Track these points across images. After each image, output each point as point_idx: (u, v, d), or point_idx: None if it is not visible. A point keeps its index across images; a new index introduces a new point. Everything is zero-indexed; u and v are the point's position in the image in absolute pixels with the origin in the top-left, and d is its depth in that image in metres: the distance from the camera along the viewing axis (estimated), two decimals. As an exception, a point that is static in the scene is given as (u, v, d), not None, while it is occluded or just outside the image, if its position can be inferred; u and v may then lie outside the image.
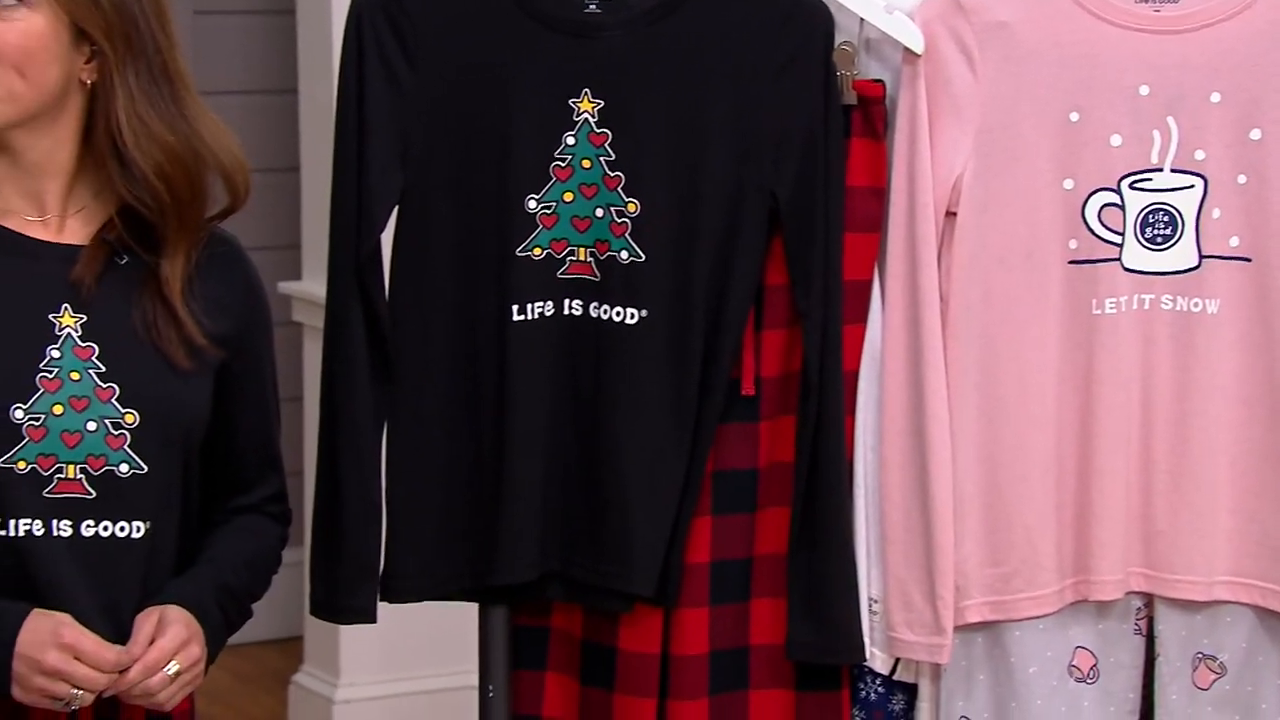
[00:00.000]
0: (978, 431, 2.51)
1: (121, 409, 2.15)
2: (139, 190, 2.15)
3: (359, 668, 4.65)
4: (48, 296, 2.15)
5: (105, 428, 2.14)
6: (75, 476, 2.13)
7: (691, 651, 2.51)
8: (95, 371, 2.15)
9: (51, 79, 2.13)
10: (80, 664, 2.08)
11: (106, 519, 2.14)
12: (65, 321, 2.15)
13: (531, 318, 2.47)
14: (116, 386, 2.15)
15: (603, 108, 2.45)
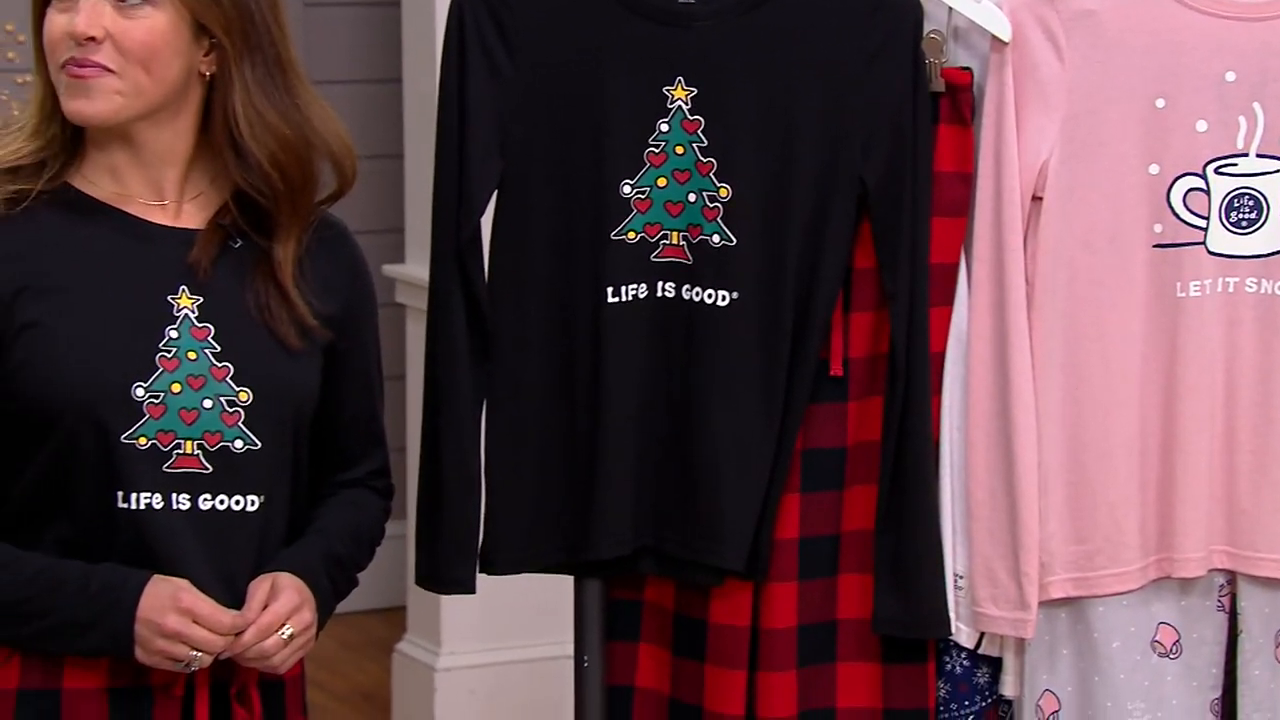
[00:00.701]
0: (1062, 411, 2.49)
1: (236, 387, 2.15)
2: (253, 178, 2.15)
3: (460, 637, 4.67)
4: (166, 279, 2.16)
5: (221, 405, 2.14)
6: (193, 452, 2.13)
7: (780, 625, 2.49)
8: (211, 351, 2.15)
9: (174, 74, 2.13)
10: (198, 627, 2.09)
11: (223, 493, 2.15)
12: (183, 303, 2.15)
13: (626, 300, 2.46)
14: (231, 365, 2.15)
15: (695, 95, 2.44)
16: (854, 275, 2.49)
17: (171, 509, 2.12)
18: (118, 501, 2.11)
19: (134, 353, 2.12)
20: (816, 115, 2.45)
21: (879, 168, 2.45)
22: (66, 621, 2.09)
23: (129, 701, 2.13)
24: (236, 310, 2.17)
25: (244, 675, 2.17)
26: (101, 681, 2.12)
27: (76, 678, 2.12)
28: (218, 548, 2.15)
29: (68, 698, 2.12)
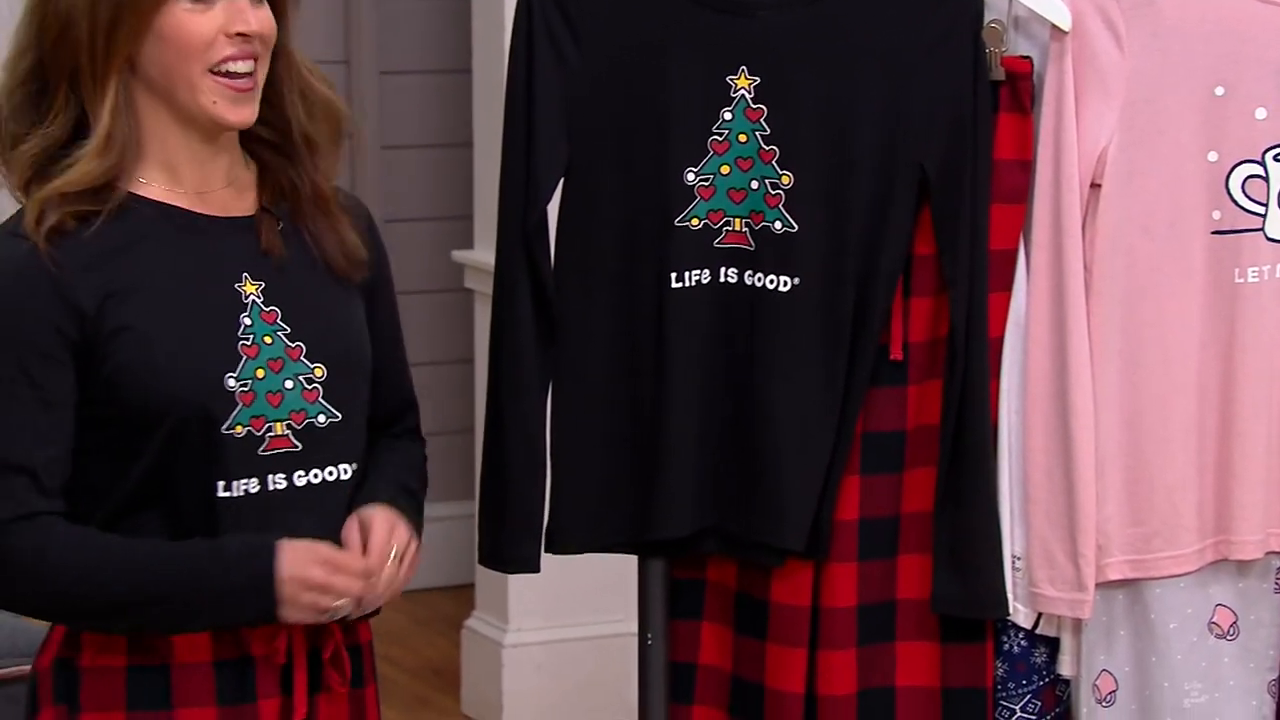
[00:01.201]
0: (1120, 395, 2.46)
1: (310, 364, 2.15)
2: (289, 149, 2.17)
3: (526, 614, 4.67)
4: (229, 268, 2.15)
5: (300, 384, 2.14)
6: (283, 433, 2.14)
7: (840, 604, 2.48)
8: (283, 333, 2.15)
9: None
10: (340, 575, 2.11)
11: (315, 467, 2.15)
12: (249, 290, 2.15)
13: (689, 285, 2.45)
14: (303, 344, 2.15)
15: (759, 84, 2.43)
16: (914, 261, 2.47)
17: (268, 490, 2.13)
18: (218, 491, 2.11)
19: (220, 345, 2.12)
20: (877, 104, 2.43)
21: (939, 156, 2.43)
22: (212, 599, 2.09)
23: (234, 672, 2.13)
24: (299, 289, 2.17)
25: (335, 640, 2.18)
26: (207, 655, 2.13)
27: (184, 652, 2.12)
28: (316, 520, 2.15)
29: (177, 672, 2.12)
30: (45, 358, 2.06)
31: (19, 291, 2.06)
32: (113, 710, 2.11)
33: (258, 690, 2.14)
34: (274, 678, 2.15)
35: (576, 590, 4.59)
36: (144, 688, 2.11)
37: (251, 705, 2.14)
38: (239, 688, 2.13)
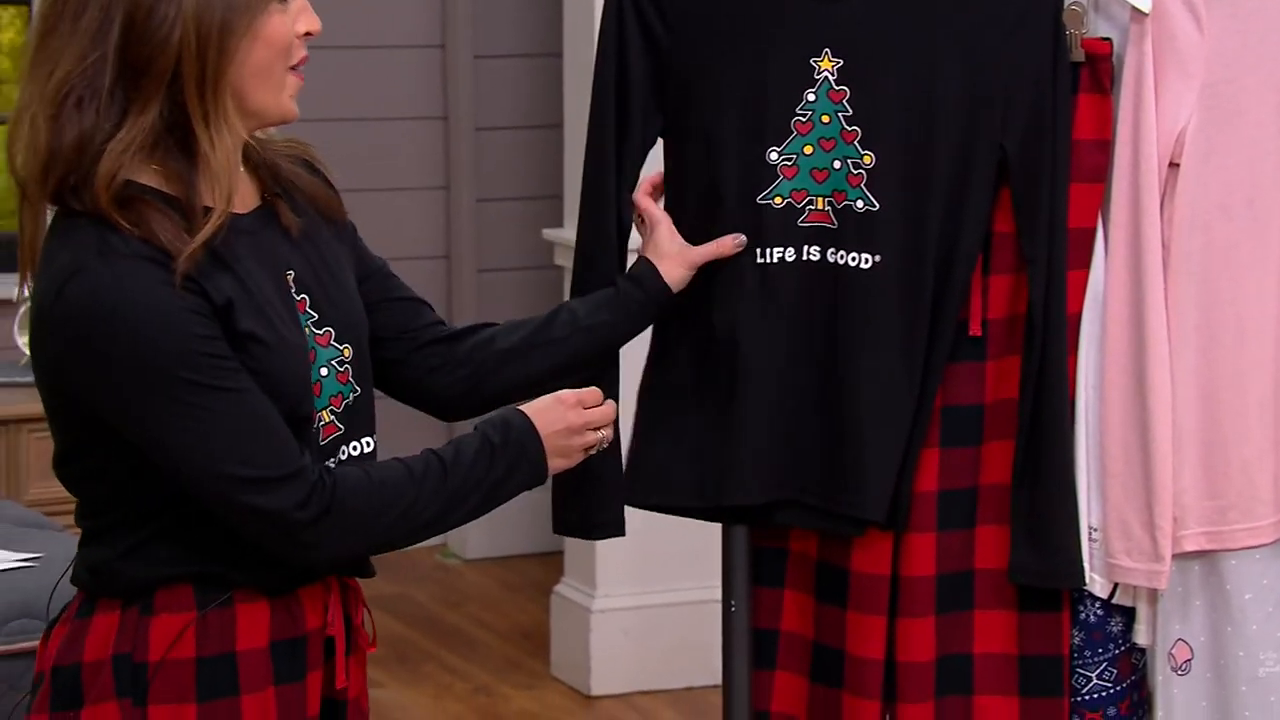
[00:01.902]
0: (1197, 371, 2.43)
1: (339, 346, 2.15)
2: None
3: (614, 581, 4.68)
4: (272, 262, 2.11)
5: (334, 368, 2.14)
6: (330, 419, 2.14)
7: (919, 573, 2.46)
8: (312, 321, 2.13)
9: None
10: (593, 409, 2.25)
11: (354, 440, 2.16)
12: (289, 281, 2.13)
13: (773, 262, 2.44)
14: (331, 329, 2.14)
15: (842, 66, 2.41)
16: (993, 239, 2.45)
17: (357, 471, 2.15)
18: None
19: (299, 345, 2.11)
20: (958, 85, 2.41)
21: (1018, 136, 2.41)
22: (493, 487, 2.16)
23: (288, 650, 2.13)
24: (316, 271, 2.16)
25: (363, 605, 2.22)
26: (265, 639, 2.12)
27: (245, 639, 2.11)
28: None
29: (241, 659, 2.11)
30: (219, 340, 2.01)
31: (173, 311, 1.98)
32: (184, 702, 2.08)
33: (307, 664, 2.15)
34: (319, 650, 2.15)
35: (662, 558, 4.60)
36: (212, 678, 2.09)
37: (302, 682, 2.14)
38: (292, 665, 2.13)
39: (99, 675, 2.08)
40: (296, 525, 2.03)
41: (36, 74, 2.01)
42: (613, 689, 4.66)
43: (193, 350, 1.98)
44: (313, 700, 2.15)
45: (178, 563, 2.08)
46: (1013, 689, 2.48)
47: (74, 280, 1.98)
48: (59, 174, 2.00)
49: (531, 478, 2.19)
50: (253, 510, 2.02)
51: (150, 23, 1.99)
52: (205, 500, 2.04)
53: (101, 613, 2.09)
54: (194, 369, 1.98)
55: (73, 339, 1.99)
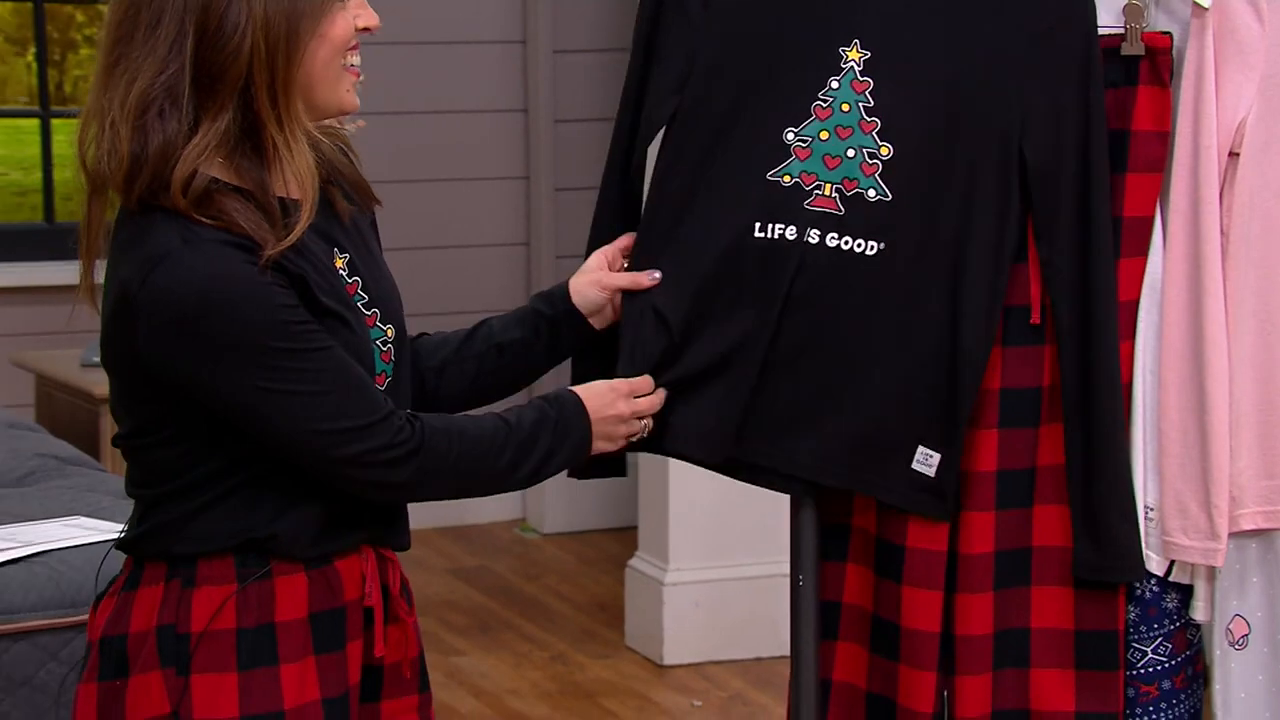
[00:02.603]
0: (1254, 355, 2.40)
1: (384, 328, 2.15)
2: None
3: (686, 555, 4.68)
4: (324, 245, 2.11)
5: (378, 348, 2.15)
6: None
7: (978, 550, 2.43)
8: (362, 302, 2.14)
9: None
10: (641, 399, 2.31)
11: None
12: (338, 264, 2.12)
13: (772, 237, 2.40)
14: (378, 310, 2.14)
15: (869, 58, 2.38)
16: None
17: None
18: None
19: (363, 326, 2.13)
20: (980, 88, 2.37)
21: (1040, 142, 2.37)
22: (543, 458, 2.19)
23: (327, 621, 2.13)
24: (364, 256, 2.16)
25: (399, 573, 2.20)
26: (304, 610, 2.12)
27: (285, 610, 2.11)
28: None
29: (280, 630, 2.11)
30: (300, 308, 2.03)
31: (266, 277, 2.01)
32: (225, 671, 2.08)
33: (347, 634, 2.14)
34: (359, 619, 2.15)
35: (732, 534, 4.59)
36: (253, 648, 2.09)
37: (342, 651, 2.14)
38: (331, 635, 2.13)
39: (144, 646, 2.09)
40: (390, 465, 2.06)
41: (114, 81, 2.02)
42: (684, 659, 4.66)
43: (280, 320, 2.01)
44: (353, 669, 2.15)
45: (220, 535, 2.08)
46: (1069, 662, 2.45)
47: (161, 266, 1.99)
48: (145, 180, 2.01)
49: (574, 456, 2.23)
50: (349, 459, 2.04)
51: (222, 32, 2.00)
52: (302, 459, 2.06)
53: (146, 585, 2.10)
54: (283, 337, 2.01)
55: (164, 323, 2.00)
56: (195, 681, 2.07)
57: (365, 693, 2.18)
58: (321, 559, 2.12)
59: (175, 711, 2.07)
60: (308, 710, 2.10)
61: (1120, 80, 2.41)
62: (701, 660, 4.65)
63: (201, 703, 2.07)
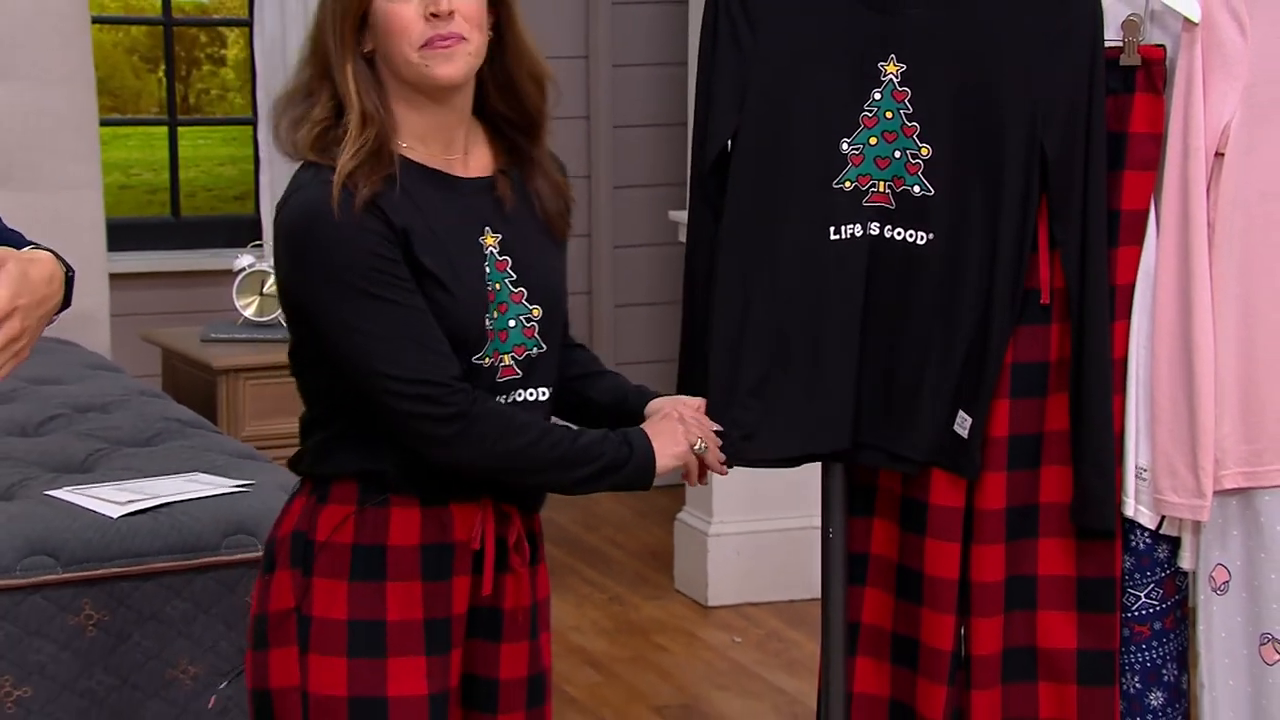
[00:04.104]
0: (1237, 334, 2.37)
1: (530, 306, 2.13)
2: (515, 103, 2.14)
3: (728, 509, 4.66)
4: (475, 222, 2.12)
5: (521, 323, 2.13)
6: (509, 363, 2.12)
7: (991, 506, 2.41)
8: (510, 280, 2.12)
9: (487, 33, 2.11)
10: (699, 424, 2.24)
11: (531, 388, 2.14)
12: (488, 242, 2.12)
13: (845, 237, 2.39)
14: (525, 289, 2.13)
15: (905, 71, 2.36)
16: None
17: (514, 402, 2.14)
18: None
19: (475, 291, 2.10)
20: (1006, 90, 2.34)
21: (1056, 134, 2.34)
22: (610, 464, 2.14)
23: (436, 554, 2.13)
24: (523, 240, 2.14)
25: (518, 529, 2.17)
26: (417, 539, 2.12)
27: (398, 536, 2.12)
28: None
29: (391, 552, 2.12)
30: (394, 261, 2.04)
31: (356, 230, 2.03)
32: (338, 578, 2.11)
33: (454, 569, 2.13)
34: (468, 560, 2.14)
35: (769, 490, 4.57)
36: (365, 563, 2.11)
37: (448, 582, 2.13)
38: (438, 566, 2.13)
39: (284, 548, 2.14)
40: (436, 422, 2.04)
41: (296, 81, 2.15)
42: (726, 600, 4.64)
43: (368, 265, 2.02)
44: (458, 601, 2.14)
45: (348, 461, 2.11)
46: (1071, 605, 2.43)
47: (293, 197, 2.07)
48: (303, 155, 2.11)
49: (639, 478, 2.17)
50: (399, 408, 2.04)
51: (314, 31, 2.12)
52: (369, 399, 2.06)
53: (298, 497, 2.17)
54: (367, 280, 2.02)
55: (285, 247, 2.08)
56: (316, 583, 2.11)
57: (488, 632, 2.17)
58: (437, 500, 2.12)
59: (298, 606, 2.11)
60: (409, 626, 2.11)
61: (1119, 88, 2.38)
62: (741, 602, 4.64)
63: (318, 602, 2.11)
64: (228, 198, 8.92)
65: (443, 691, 2.13)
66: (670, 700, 4.07)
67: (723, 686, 4.16)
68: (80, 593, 2.82)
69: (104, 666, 2.82)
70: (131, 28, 6.67)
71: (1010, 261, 2.36)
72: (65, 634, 2.80)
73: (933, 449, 2.39)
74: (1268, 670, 2.41)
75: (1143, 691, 2.45)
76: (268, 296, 4.58)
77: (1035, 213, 2.37)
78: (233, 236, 5.21)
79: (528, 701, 2.21)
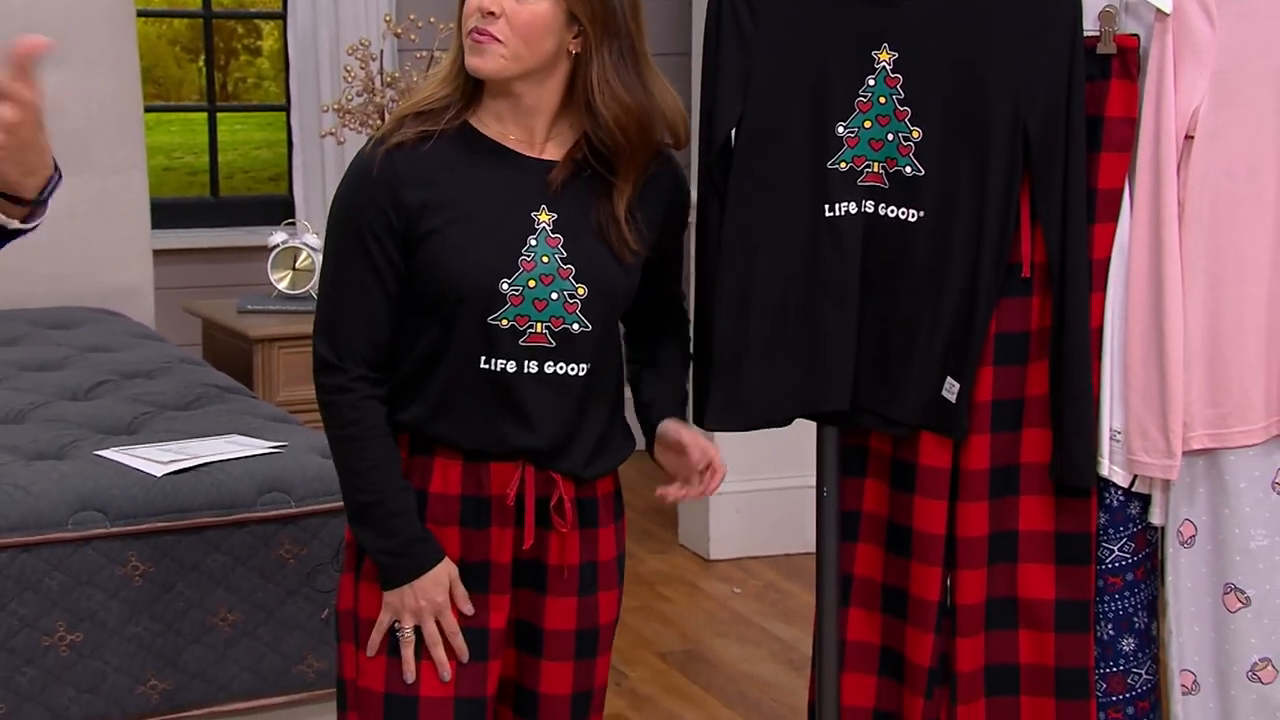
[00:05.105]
0: (1204, 305, 2.36)
1: (575, 284, 2.12)
2: (601, 132, 2.10)
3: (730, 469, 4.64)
4: (531, 199, 2.11)
5: (564, 298, 2.11)
6: (541, 331, 2.11)
7: (976, 466, 2.40)
8: (560, 256, 2.11)
9: (547, 48, 2.08)
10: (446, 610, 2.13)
11: (561, 361, 2.12)
12: (542, 219, 2.11)
13: (839, 214, 2.38)
14: (573, 268, 2.11)
15: (897, 58, 2.34)
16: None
17: (523, 372, 2.11)
18: (481, 363, 2.10)
19: (503, 256, 2.09)
20: (992, 77, 2.33)
21: (1038, 118, 2.33)
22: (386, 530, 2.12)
23: (474, 505, 2.14)
24: (582, 226, 2.12)
25: (560, 491, 2.16)
26: (456, 490, 2.13)
27: (438, 484, 2.13)
28: (553, 399, 2.13)
29: (432, 498, 2.14)
30: (378, 238, 2.09)
31: (366, 185, 2.10)
32: None
33: (492, 520, 2.14)
34: (507, 514, 2.14)
35: (767, 452, 4.56)
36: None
37: (486, 531, 2.14)
38: (477, 516, 2.14)
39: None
40: (317, 384, 2.13)
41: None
42: (727, 554, 4.64)
43: (350, 225, 2.11)
44: (498, 550, 2.15)
45: (401, 413, 2.14)
46: (1050, 559, 2.43)
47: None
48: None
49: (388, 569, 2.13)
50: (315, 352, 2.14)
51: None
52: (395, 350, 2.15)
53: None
54: (340, 237, 2.11)
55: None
56: None
57: (534, 584, 2.18)
58: (478, 456, 2.13)
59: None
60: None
61: (1096, 74, 2.37)
62: (741, 556, 4.64)
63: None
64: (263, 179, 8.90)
65: (482, 627, 2.15)
66: (674, 647, 4.08)
67: (723, 634, 4.17)
68: (127, 545, 2.82)
69: (149, 614, 2.83)
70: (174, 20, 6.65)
71: (995, 238, 2.35)
72: (114, 583, 2.81)
73: (923, 413, 2.39)
74: (1230, 617, 2.42)
75: (1115, 638, 2.45)
76: (300, 271, 4.58)
77: (1019, 192, 2.36)
78: (268, 215, 5.20)
79: (576, 652, 2.21)
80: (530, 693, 2.20)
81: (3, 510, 2.78)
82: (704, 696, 3.84)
